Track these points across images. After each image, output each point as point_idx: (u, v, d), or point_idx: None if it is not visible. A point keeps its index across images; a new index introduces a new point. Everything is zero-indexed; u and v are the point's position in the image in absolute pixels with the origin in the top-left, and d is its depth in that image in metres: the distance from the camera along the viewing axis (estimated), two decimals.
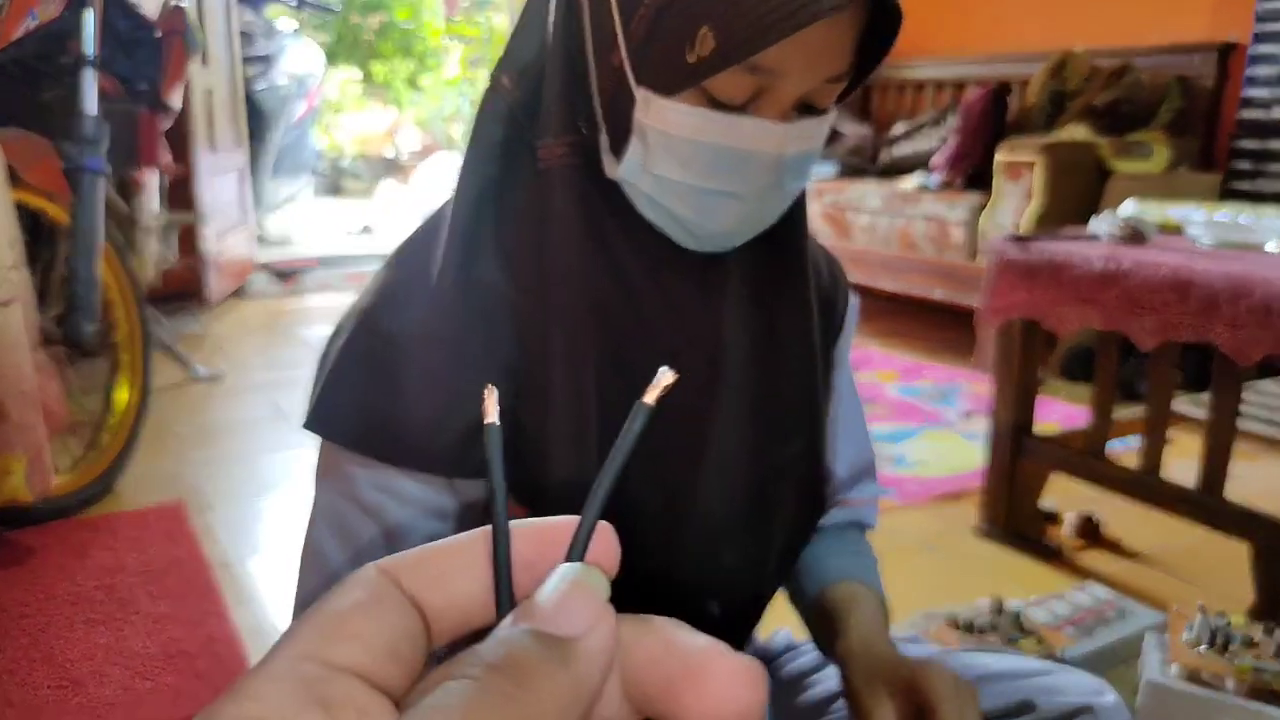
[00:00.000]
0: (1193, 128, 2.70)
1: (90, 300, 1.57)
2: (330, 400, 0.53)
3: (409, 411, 0.52)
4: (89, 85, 1.66)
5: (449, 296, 0.53)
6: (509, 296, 0.54)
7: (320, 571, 0.54)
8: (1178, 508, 1.34)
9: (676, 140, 0.49)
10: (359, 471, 0.53)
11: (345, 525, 0.54)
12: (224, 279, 3.16)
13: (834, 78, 0.49)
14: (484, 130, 0.54)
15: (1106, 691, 0.62)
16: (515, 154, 0.54)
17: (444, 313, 0.53)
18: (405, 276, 0.55)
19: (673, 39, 0.47)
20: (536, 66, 0.54)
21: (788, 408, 0.59)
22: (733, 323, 0.57)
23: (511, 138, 0.54)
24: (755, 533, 0.58)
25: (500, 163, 0.54)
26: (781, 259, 0.58)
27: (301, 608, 0.55)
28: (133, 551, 1.47)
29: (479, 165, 0.54)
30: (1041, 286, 1.42)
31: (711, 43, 0.45)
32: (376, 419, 0.52)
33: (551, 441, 0.53)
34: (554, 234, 0.53)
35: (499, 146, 0.54)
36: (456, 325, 0.53)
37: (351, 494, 0.54)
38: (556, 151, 0.52)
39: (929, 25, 3.65)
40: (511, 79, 0.54)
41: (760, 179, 0.50)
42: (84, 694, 1.10)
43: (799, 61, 0.47)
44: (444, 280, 0.53)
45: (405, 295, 0.54)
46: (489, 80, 0.55)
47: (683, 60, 0.47)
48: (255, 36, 3.63)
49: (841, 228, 3.06)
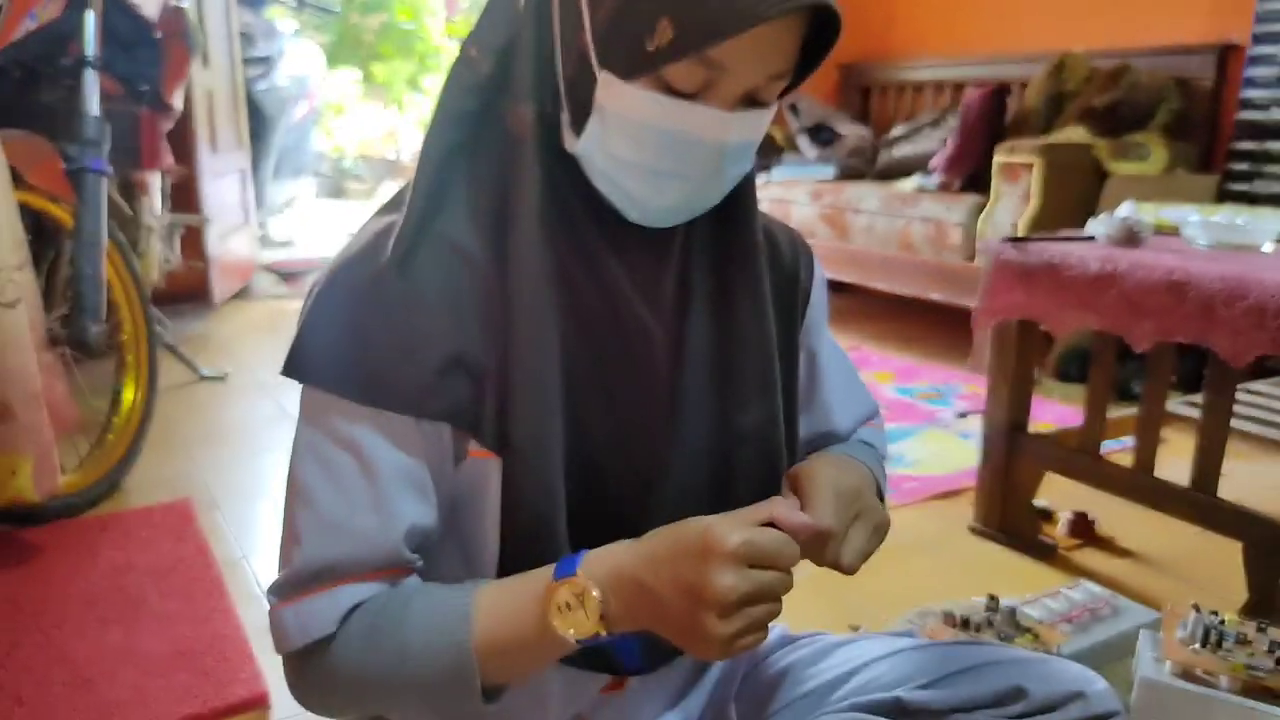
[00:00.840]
0: (1191, 129, 2.71)
1: (95, 301, 1.58)
2: (302, 346, 0.56)
3: (369, 352, 0.55)
4: (90, 86, 1.67)
5: (409, 245, 0.56)
6: (472, 252, 0.57)
7: (305, 501, 0.56)
8: (1172, 507, 1.35)
9: (632, 122, 0.53)
10: (333, 408, 0.56)
11: (324, 458, 0.56)
12: (228, 280, 3.18)
13: (778, 75, 0.54)
14: (452, 98, 0.58)
15: (1097, 680, 0.63)
16: (483, 122, 0.58)
17: (402, 260, 0.56)
18: (375, 230, 0.59)
19: (635, 27, 0.51)
20: (505, 40, 0.57)
21: (746, 376, 0.63)
22: (690, 293, 0.62)
23: (479, 107, 0.58)
24: (721, 499, 0.61)
25: (468, 129, 0.58)
26: (733, 235, 0.63)
27: (289, 538, 0.57)
28: (141, 550, 1.48)
29: (446, 131, 0.58)
30: (1038, 288, 1.43)
31: (670, 34, 0.49)
32: (342, 361, 0.55)
33: (517, 392, 0.56)
34: (521, 198, 0.56)
35: (466, 115, 0.58)
36: (417, 272, 0.56)
37: (328, 429, 0.56)
38: (525, 121, 0.56)
39: (928, 27, 3.66)
40: (480, 50, 0.58)
41: (705, 163, 0.55)
42: (95, 692, 1.11)
43: (748, 57, 0.51)
44: (406, 229, 0.56)
45: (372, 248, 0.57)
46: (458, 50, 0.59)
47: (642, 48, 0.51)
48: (255, 37, 3.63)
49: (840, 229, 3.07)
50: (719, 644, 0.50)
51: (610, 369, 0.60)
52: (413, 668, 0.54)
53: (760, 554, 0.51)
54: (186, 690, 1.12)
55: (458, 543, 0.62)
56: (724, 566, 0.49)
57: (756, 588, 0.50)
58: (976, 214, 2.63)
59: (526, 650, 0.55)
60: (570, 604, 0.52)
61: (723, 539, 0.50)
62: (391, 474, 0.56)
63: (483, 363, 0.56)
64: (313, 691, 0.58)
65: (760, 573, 0.51)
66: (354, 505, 0.56)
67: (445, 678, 0.54)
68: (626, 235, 0.59)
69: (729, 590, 0.49)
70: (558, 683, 0.64)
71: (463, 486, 0.60)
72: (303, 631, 0.55)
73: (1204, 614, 1.07)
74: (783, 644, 0.77)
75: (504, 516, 0.58)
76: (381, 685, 0.55)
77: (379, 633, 0.55)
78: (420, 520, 0.57)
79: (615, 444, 0.60)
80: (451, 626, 0.54)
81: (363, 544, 0.56)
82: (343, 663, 0.55)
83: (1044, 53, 2.99)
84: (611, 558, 0.54)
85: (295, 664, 0.58)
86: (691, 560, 0.50)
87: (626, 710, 0.68)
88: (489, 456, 0.57)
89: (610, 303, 0.59)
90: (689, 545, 0.51)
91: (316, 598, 0.55)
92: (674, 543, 0.52)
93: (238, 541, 1.55)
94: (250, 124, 3.50)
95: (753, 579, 0.50)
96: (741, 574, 0.50)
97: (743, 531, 0.51)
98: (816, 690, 0.70)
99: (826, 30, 0.54)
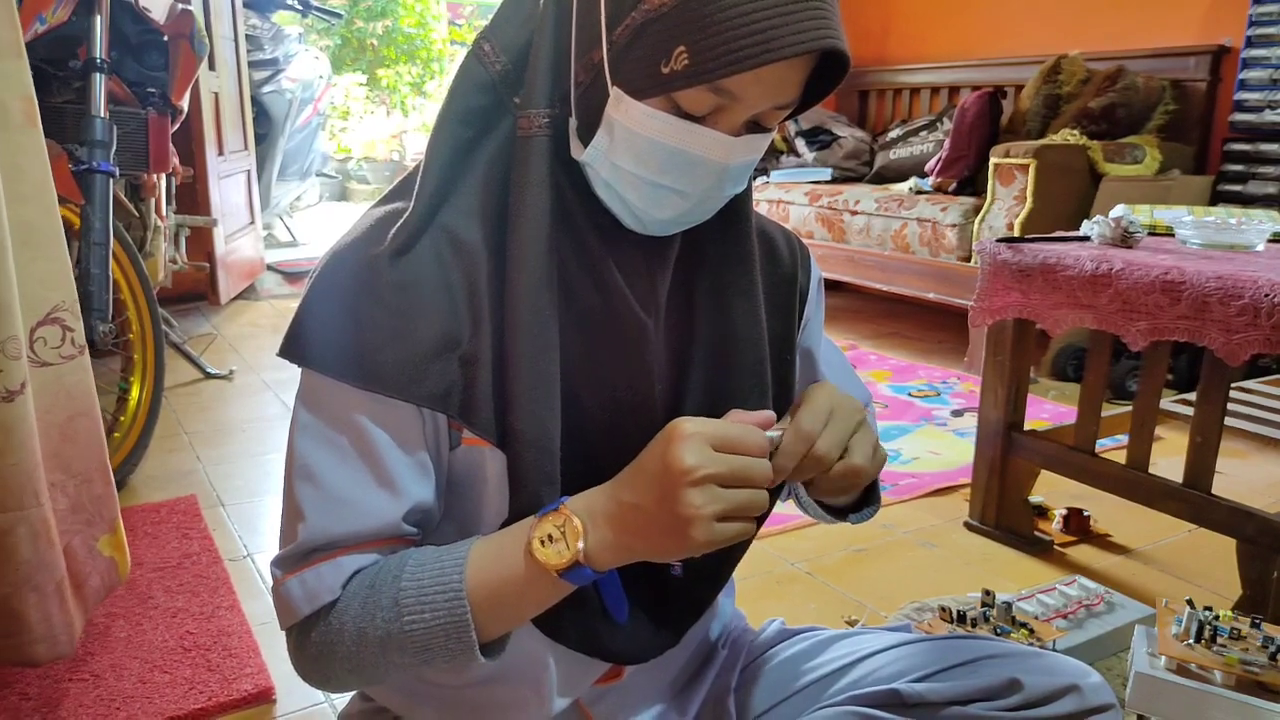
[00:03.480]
0: (1185, 131, 2.73)
1: (102, 300, 1.60)
2: (300, 329, 0.58)
3: (362, 336, 0.56)
4: (98, 88, 1.69)
5: (411, 234, 0.57)
6: (473, 245, 0.58)
7: (306, 477, 0.58)
8: (1166, 503, 1.36)
9: (640, 138, 0.55)
10: (331, 390, 0.57)
11: (325, 436, 0.58)
12: (234, 280, 3.19)
13: (784, 105, 0.56)
14: (462, 93, 0.60)
15: (1092, 674, 0.64)
16: (492, 119, 0.60)
17: (400, 247, 0.57)
18: (376, 217, 0.60)
19: (652, 50, 0.52)
20: (521, 41, 0.59)
21: (741, 375, 0.64)
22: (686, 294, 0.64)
23: (489, 104, 0.60)
24: None
25: (477, 126, 0.60)
26: (730, 238, 0.65)
27: (292, 513, 0.58)
28: (148, 546, 1.50)
29: (455, 126, 0.59)
30: (1034, 288, 1.44)
31: (686, 60, 0.51)
32: (337, 344, 0.57)
33: (517, 385, 0.57)
34: (525, 198, 0.58)
35: (476, 111, 0.60)
36: (414, 260, 0.57)
37: (327, 410, 0.58)
38: (537, 123, 0.58)
39: (924, 30, 3.67)
40: (494, 48, 0.60)
41: (705, 181, 0.57)
42: (102, 687, 1.12)
43: (757, 90, 0.54)
44: (411, 220, 0.57)
45: (372, 234, 0.58)
46: (471, 45, 0.60)
47: (658, 70, 0.53)
48: (262, 41, 3.65)
49: (837, 230, 3.08)
50: (700, 524, 0.51)
51: (607, 366, 0.61)
52: (409, 618, 0.55)
53: (720, 437, 0.52)
54: (193, 684, 1.13)
55: (456, 527, 0.63)
56: (686, 444, 0.51)
57: (725, 467, 0.51)
58: (972, 215, 2.65)
59: (517, 592, 0.56)
60: (553, 535, 0.54)
61: (681, 422, 0.53)
62: (391, 452, 0.57)
63: (476, 352, 0.57)
64: (316, 662, 0.59)
65: (728, 456, 0.52)
66: (356, 481, 0.57)
67: (440, 628, 0.55)
68: (624, 238, 0.60)
69: (695, 466, 0.51)
70: (556, 669, 0.65)
71: (458, 472, 0.61)
72: (309, 599, 0.57)
73: (1198, 610, 1.08)
74: (780, 638, 0.77)
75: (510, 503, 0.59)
76: (380, 642, 0.56)
77: (376, 590, 0.56)
78: (421, 497, 0.59)
79: (612, 438, 0.61)
80: (447, 574, 0.55)
81: (365, 518, 0.57)
82: (344, 623, 0.57)
83: (1038, 56, 3.01)
84: (595, 492, 0.56)
85: (298, 635, 0.59)
86: (657, 452, 0.53)
87: (625, 701, 0.70)
88: (483, 445, 0.59)
89: (608, 302, 0.60)
90: (654, 444, 0.54)
91: (320, 566, 0.57)
92: (644, 452, 0.55)
93: (243, 538, 1.56)
94: (256, 127, 3.53)
95: (719, 459, 0.52)
96: (705, 452, 0.51)
97: (701, 420, 0.53)
98: (814, 684, 0.71)
99: (834, 65, 0.56)
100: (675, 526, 0.52)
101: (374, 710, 0.72)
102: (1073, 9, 3.13)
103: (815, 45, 0.51)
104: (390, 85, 7.15)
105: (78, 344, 1.06)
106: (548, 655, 0.64)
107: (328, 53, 6.32)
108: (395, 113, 7.30)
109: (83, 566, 1.08)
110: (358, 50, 7.00)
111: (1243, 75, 2.58)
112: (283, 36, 3.82)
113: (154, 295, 1.88)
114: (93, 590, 1.11)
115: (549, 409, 0.58)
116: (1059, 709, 0.62)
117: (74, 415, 1.07)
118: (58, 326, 1.04)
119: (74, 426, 1.07)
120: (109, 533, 1.13)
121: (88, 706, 1.08)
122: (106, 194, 1.64)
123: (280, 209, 4.48)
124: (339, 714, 0.81)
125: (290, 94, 3.83)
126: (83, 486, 1.09)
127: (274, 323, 3.13)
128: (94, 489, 1.10)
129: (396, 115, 7.31)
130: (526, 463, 0.58)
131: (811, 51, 0.51)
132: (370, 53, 7.02)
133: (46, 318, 1.03)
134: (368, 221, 0.60)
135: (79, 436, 1.07)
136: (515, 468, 0.58)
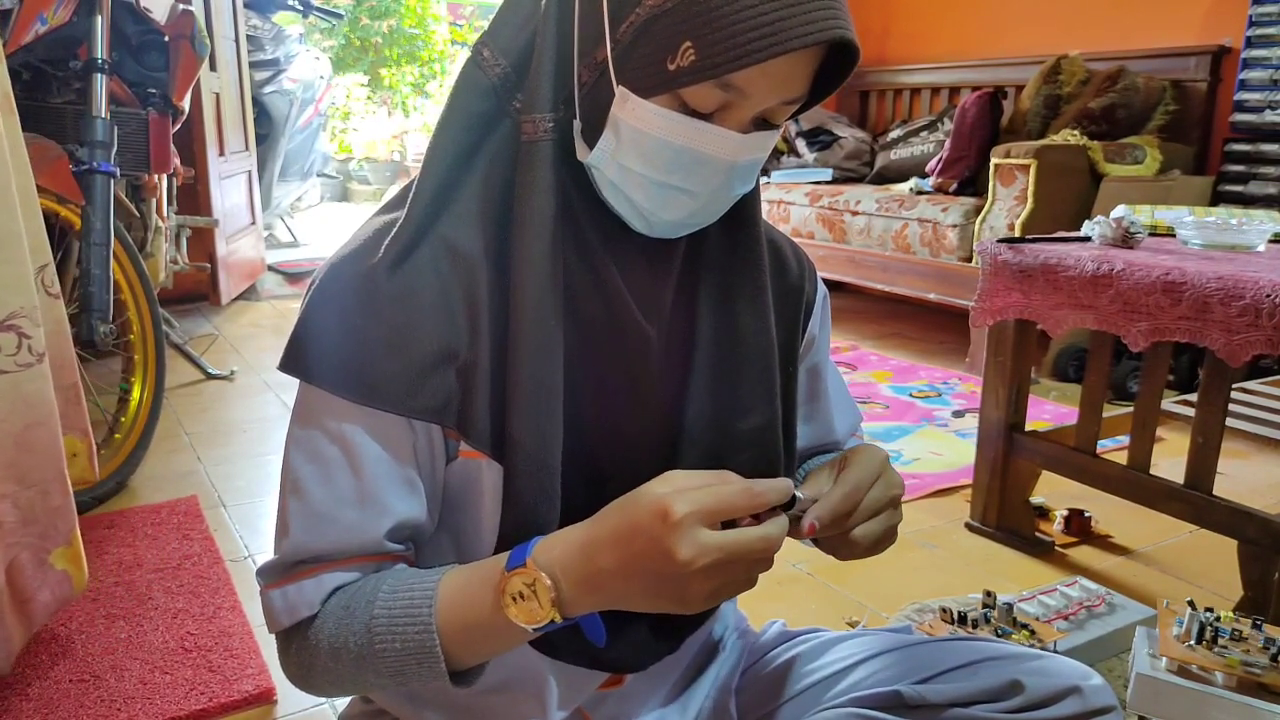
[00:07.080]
0: (1185, 131, 2.73)
1: (103, 300, 1.60)
2: (298, 343, 0.58)
3: (359, 350, 0.56)
4: (99, 89, 1.69)
5: (406, 244, 0.57)
6: (472, 254, 0.58)
7: (294, 491, 0.58)
8: (1167, 504, 1.36)
9: (646, 137, 0.54)
10: (325, 404, 0.57)
11: (315, 451, 0.58)
12: (234, 280, 3.19)
13: (792, 100, 0.55)
14: (463, 100, 0.59)
15: (1093, 675, 0.64)
16: (494, 125, 0.59)
17: (396, 259, 0.56)
18: (374, 228, 0.59)
19: (657, 47, 0.52)
20: (522, 44, 0.58)
21: (747, 382, 0.64)
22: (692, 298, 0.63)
23: (490, 109, 0.59)
24: None
25: (478, 132, 0.59)
26: (737, 242, 0.64)
27: (280, 526, 0.59)
28: (149, 547, 1.50)
29: (456, 133, 0.59)
30: (1035, 288, 1.44)
31: (692, 56, 0.50)
32: (334, 358, 0.56)
33: (518, 394, 0.56)
34: (529, 203, 0.57)
35: (477, 117, 0.59)
36: (411, 271, 0.57)
37: (320, 424, 0.58)
38: (541, 127, 0.57)
39: (924, 31, 3.68)
40: (494, 52, 0.59)
41: (714, 180, 0.56)
42: (103, 688, 1.12)
43: (765, 84, 0.52)
44: (405, 230, 0.57)
45: (369, 246, 0.58)
46: (470, 51, 0.60)
47: (664, 67, 0.52)
48: (263, 41, 3.65)
49: (837, 230, 3.08)
50: (701, 600, 0.50)
51: (608, 375, 0.61)
52: (380, 645, 0.55)
53: (713, 511, 0.50)
54: (193, 685, 1.13)
55: (452, 539, 0.63)
56: (680, 536, 0.48)
57: (725, 554, 0.49)
58: (973, 216, 2.65)
59: (488, 635, 0.55)
60: (524, 593, 0.52)
61: (668, 502, 0.49)
62: (379, 469, 0.57)
63: (474, 364, 0.57)
64: (300, 669, 0.60)
65: (727, 537, 0.49)
66: (340, 499, 0.57)
67: (411, 656, 0.55)
68: (629, 242, 0.60)
69: (691, 559, 0.48)
70: (556, 679, 0.65)
71: (454, 485, 0.61)
72: (289, 612, 0.58)
73: (1199, 611, 1.08)
74: (781, 639, 0.77)
75: (502, 516, 0.59)
76: (354, 662, 0.56)
77: (351, 612, 0.56)
78: (407, 514, 0.58)
79: (613, 448, 0.61)
80: (417, 605, 0.55)
81: (347, 535, 0.57)
82: (320, 640, 0.57)
83: (1039, 56, 3.01)
84: (563, 543, 0.53)
85: (283, 643, 0.60)
86: (643, 529, 0.49)
87: (626, 706, 0.69)
88: (480, 457, 0.58)
89: (610, 309, 0.59)
90: (637, 517, 0.50)
91: (302, 581, 0.57)
92: (623, 520, 0.51)
93: (244, 539, 1.56)
94: (257, 127, 3.53)
95: (718, 544, 0.49)
96: (701, 539, 0.49)
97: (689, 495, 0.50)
98: (816, 685, 0.71)
99: (843, 58, 0.55)
100: (671, 602, 0.51)
101: (374, 713, 0.72)
102: (1073, 9, 3.13)
103: (825, 36, 0.50)
104: (392, 85, 7.16)
105: (35, 351, 1.03)
106: (548, 666, 0.64)
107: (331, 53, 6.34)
108: (396, 113, 7.31)
109: (29, 581, 1.06)
110: (360, 50, 7.01)
111: (1243, 75, 2.58)
112: (284, 37, 3.83)
113: (155, 296, 1.88)
114: (41, 605, 1.08)
115: (550, 417, 0.57)
116: (1060, 711, 0.62)
117: (31, 424, 1.03)
118: (13, 334, 1.00)
119: (31, 436, 1.04)
120: (64, 545, 1.10)
121: (88, 707, 1.08)
122: (107, 194, 1.65)
123: (281, 209, 4.48)
124: (339, 716, 0.81)
125: (291, 94, 3.83)
126: (39, 498, 1.06)
127: (275, 323, 3.13)
128: (51, 500, 1.07)
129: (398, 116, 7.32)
130: (523, 475, 0.57)
131: (821, 43, 0.50)
132: (373, 53, 7.03)
133: (3, 324, 0.99)
134: (366, 232, 0.59)
135: (36, 446, 1.04)
136: (511, 480, 0.57)
